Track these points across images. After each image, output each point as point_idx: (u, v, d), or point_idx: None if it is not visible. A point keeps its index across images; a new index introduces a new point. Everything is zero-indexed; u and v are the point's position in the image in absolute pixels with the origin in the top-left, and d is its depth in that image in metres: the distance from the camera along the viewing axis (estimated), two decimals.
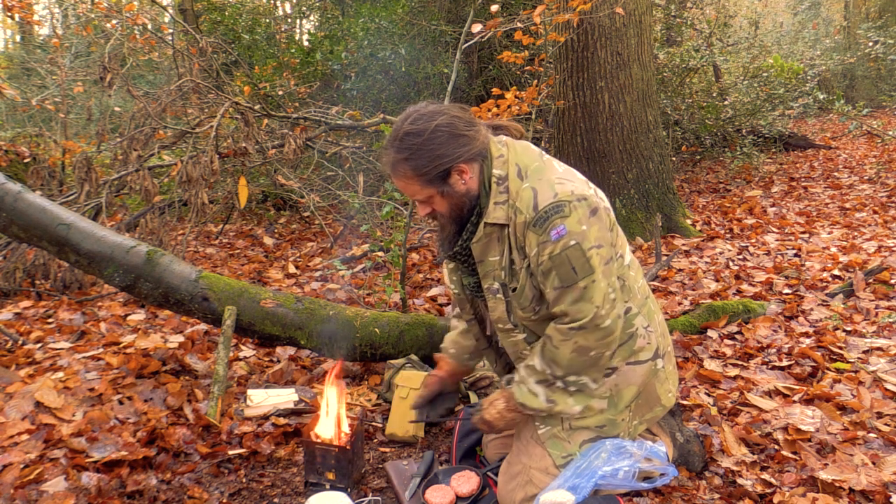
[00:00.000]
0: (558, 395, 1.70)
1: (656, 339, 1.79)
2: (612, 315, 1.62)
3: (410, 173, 1.62)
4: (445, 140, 1.60)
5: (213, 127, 4.22)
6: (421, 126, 1.61)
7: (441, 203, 1.68)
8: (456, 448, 2.11)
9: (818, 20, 15.36)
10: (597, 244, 1.59)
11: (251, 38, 7.97)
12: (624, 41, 4.86)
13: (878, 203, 5.51)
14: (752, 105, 7.55)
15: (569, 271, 1.57)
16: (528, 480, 1.73)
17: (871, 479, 1.83)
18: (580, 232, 1.56)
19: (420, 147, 1.60)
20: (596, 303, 1.59)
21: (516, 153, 1.69)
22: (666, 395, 1.81)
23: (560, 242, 1.56)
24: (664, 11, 8.46)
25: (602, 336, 1.62)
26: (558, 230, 1.56)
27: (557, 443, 1.74)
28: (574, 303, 1.60)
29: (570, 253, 1.56)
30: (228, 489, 2.01)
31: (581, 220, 1.57)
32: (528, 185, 1.62)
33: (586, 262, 1.57)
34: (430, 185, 1.64)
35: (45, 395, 2.27)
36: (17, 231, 2.59)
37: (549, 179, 1.62)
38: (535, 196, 1.59)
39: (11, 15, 6.72)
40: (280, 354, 3.03)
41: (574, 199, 1.58)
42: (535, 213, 1.58)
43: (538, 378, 1.70)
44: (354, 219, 5.39)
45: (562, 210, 1.56)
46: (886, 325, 2.94)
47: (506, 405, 1.77)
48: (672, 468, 1.74)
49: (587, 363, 1.66)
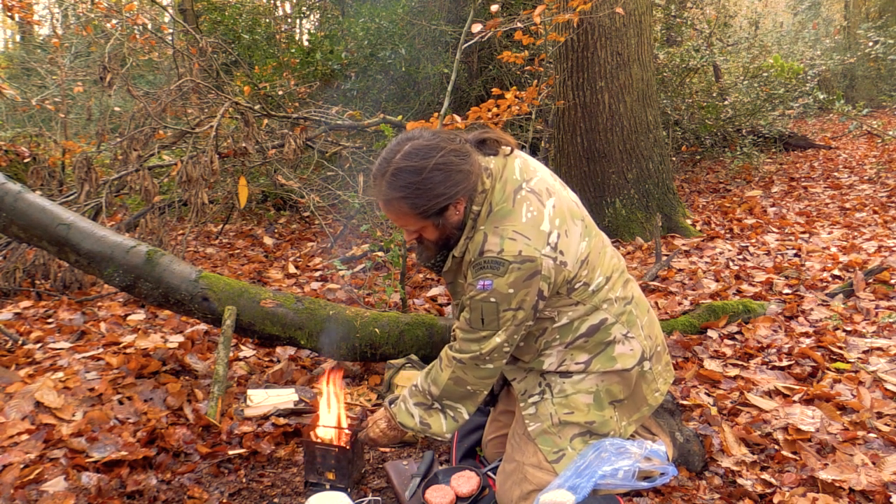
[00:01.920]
0: (434, 417, 1.78)
1: (640, 343, 1.78)
2: (496, 363, 1.69)
3: (407, 210, 1.60)
4: (443, 178, 1.57)
5: (213, 127, 4.22)
6: (417, 164, 1.56)
7: (432, 233, 1.69)
8: (456, 448, 2.11)
9: (818, 20, 15.36)
10: (515, 307, 1.61)
11: (251, 38, 7.96)
12: (624, 41, 4.86)
13: (878, 203, 5.51)
14: (752, 105, 7.55)
15: (477, 318, 1.64)
16: (523, 477, 1.74)
17: (871, 479, 1.83)
18: (504, 294, 1.59)
19: (418, 186, 1.56)
20: (484, 350, 1.66)
21: (493, 191, 1.66)
22: (652, 394, 1.82)
23: (482, 294, 1.61)
24: (664, 11, 8.46)
25: (481, 376, 1.71)
26: (484, 283, 1.60)
27: (548, 438, 1.75)
28: (466, 341, 1.68)
29: (485, 307, 1.62)
30: (228, 489, 2.01)
31: (512, 283, 1.58)
32: (483, 228, 1.63)
33: (495, 320, 1.63)
34: (426, 220, 1.64)
35: (45, 395, 2.27)
36: (17, 231, 2.59)
37: (502, 231, 1.60)
38: (484, 242, 1.61)
39: (11, 15, 6.72)
40: (280, 354, 3.03)
41: (516, 262, 1.57)
42: (478, 257, 1.61)
43: (417, 400, 1.80)
44: (354, 219, 5.39)
45: (497, 268, 1.58)
46: (886, 325, 2.94)
47: (387, 424, 1.88)
48: (672, 468, 1.74)
49: (463, 395, 1.74)
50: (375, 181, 1.64)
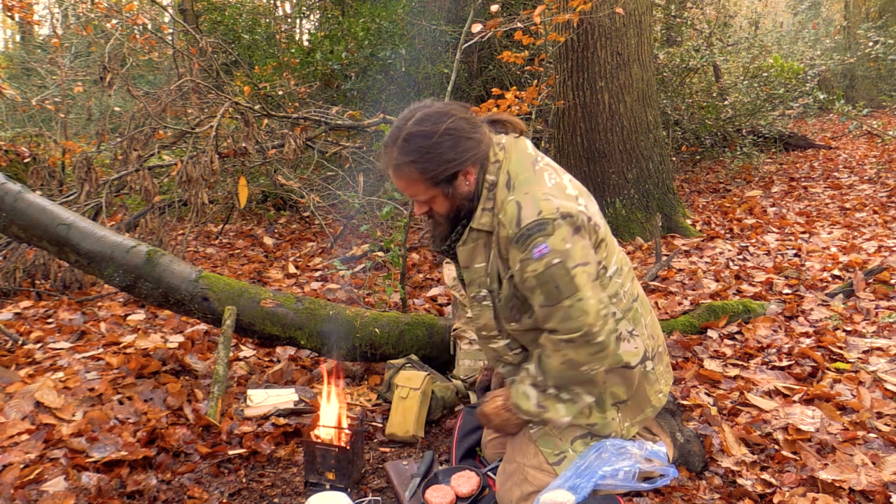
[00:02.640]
0: (550, 401, 1.70)
1: (643, 342, 1.77)
2: (605, 330, 1.59)
3: (417, 175, 1.60)
4: (454, 144, 1.58)
5: (213, 127, 4.22)
6: (428, 128, 1.58)
7: (442, 204, 1.67)
8: (456, 448, 2.11)
9: (818, 20, 15.36)
10: (582, 262, 1.56)
11: (251, 38, 7.96)
12: (624, 41, 4.85)
13: (878, 203, 5.51)
14: (752, 105, 7.55)
15: (552, 290, 1.55)
16: (524, 478, 1.74)
17: (871, 479, 1.83)
18: (564, 250, 1.54)
19: (428, 150, 1.57)
20: (586, 319, 1.56)
21: (510, 160, 1.67)
22: (656, 395, 1.81)
23: (543, 261, 1.54)
24: (664, 11, 8.46)
25: (594, 351, 1.60)
26: (540, 248, 1.53)
27: (549, 440, 1.75)
28: (563, 321, 1.58)
29: (554, 271, 1.54)
30: (228, 489, 2.01)
31: (565, 238, 1.54)
32: (513, 197, 1.59)
33: (570, 281, 1.55)
34: (435, 187, 1.63)
35: (45, 395, 2.27)
36: (17, 231, 2.59)
37: (534, 194, 1.58)
38: (519, 211, 1.56)
39: (11, 15, 6.72)
40: (280, 354, 3.03)
41: (558, 217, 1.55)
42: (518, 229, 1.55)
43: (532, 381, 1.71)
44: (354, 219, 5.39)
45: (545, 228, 1.53)
46: (886, 325, 2.94)
47: (503, 402, 1.78)
48: (672, 469, 1.74)
49: (578, 378, 1.65)
50: (387, 149, 1.63)
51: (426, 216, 1.74)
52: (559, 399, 1.68)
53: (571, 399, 1.68)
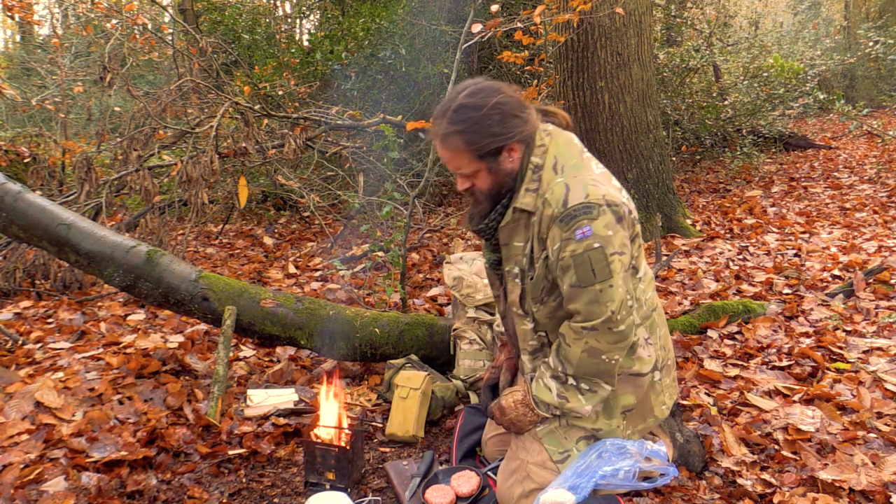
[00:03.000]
0: (571, 392, 1.70)
1: (656, 351, 1.79)
2: (627, 321, 1.62)
3: (463, 146, 1.63)
4: (501, 119, 1.62)
5: (213, 127, 4.22)
6: (479, 101, 1.62)
7: (485, 179, 1.69)
8: (456, 448, 2.11)
9: (818, 20, 15.35)
10: (619, 251, 1.60)
11: (251, 38, 7.96)
12: (624, 41, 4.85)
13: (878, 203, 5.51)
14: (752, 105, 7.54)
15: (588, 272, 1.58)
16: (526, 475, 1.74)
17: (871, 479, 1.83)
18: (605, 236, 1.57)
19: (477, 122, 1.61)
20: (611, 307, 1.59)
21: (557, 146, 1.70)
22: (660, 406, 1.81)
23: (584, 242, 1.57)
24: (664, 11, 8.46)
25: (615, 340, 1.62)
26: (584, 230, 1.56)
27: (554, 439, 1.75)
28: (589, 304, 1.60)
29: (593, 255, 1.57)
30: (228, 489, 2.01)
31: (608, 225, 1.58)
32: (561, 180, 1.62)
33: (606, 266, 1.57)
34: (479, 161, 1.65)
35: (45, 395, 2.27)
36: (17, 231, 2.59)
37: (583, 179, 1.62)
38: (567, 193, 1.59)
39: (11, 15, 6.72)
40: (280, 354, 3.03)
41: (604, 204, 1.58)
42: (564, 209, 1.58)
43: (552, 373, 1.72)
44: (354, 219, 5.39)
45: (591, 212, 1.57)
46: (886, 325, 2.94)
47: (522, 397, 1.78)
48: (672, 468, 1.74)
49: (598, 367, 1.65)
50: (436, 120, 1.67)
51: (468, 193, 1.76)
52: (580, 390, 1.69)
53: (591, 389, 1.69)
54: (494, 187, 1.70)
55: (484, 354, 2.63)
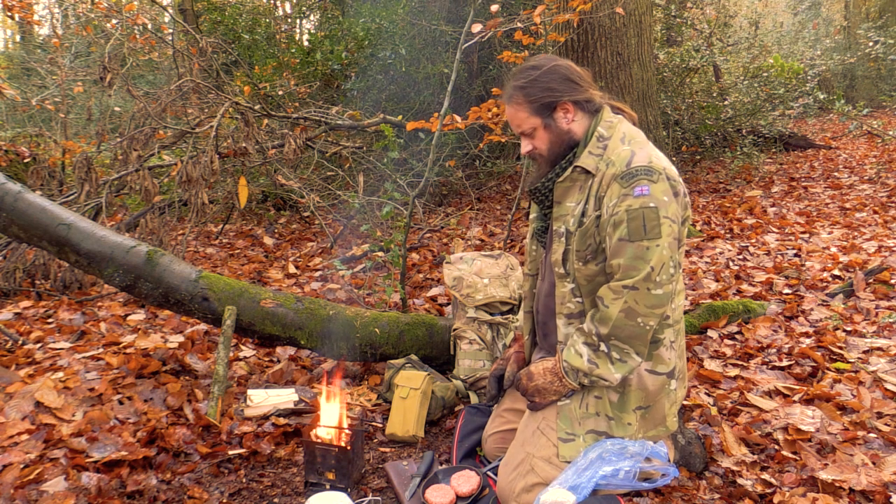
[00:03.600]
0: (601, 359, 1.71)
1: (676, 358, 1.80)
2: (665, 287, 1.65)
3: (522, 100, 1.79)
4: (559, 78, 1.78)
5: (213, 127, 4.22)
6: (541, 62, 1.81)
7: (542, 137, 1.81)
8: (456, 448, 2.11)
9: (818, 20, 15.36)
10: (672, 217, 1.66)
11: (251, 38, 7.96)
12: (624, 41, 4.85)
13: (879, 203, 5.51)
14: (752, 105, 7.54)
15: (639, 227, 1.63)
16: (531, 469, 1.74)
17: (871, 479, 1.83)
18: (661, 200, 1.64)
19: (536, 78, 1.78)
20: (652, 264, 1.63)
21: (626, 126, 1.81)
22: (672, 417, 1.82)
23: (640, 199, 1.63)
24: (664, 11, 8.46)
25: (652, 303, 1.65)
26: (642, 188, 1.64)
27: (568, 418, 1.77)
28: (633, 259, 1.64)
29: (647, 212, 1.63)
30: (228, 489, 2.01)
31: (665, 192, 1.65)
32: (628, 147, 1.72)
33: (657, 226, 1.63)
34: (535, 115, 1.79)
35: (45, 395, 2.27)
36: (17, 231, 2.59)
37: (648, 151, 1.71)
38: (632, 156, 1.69)
39: (11, 15, 6.72)
40: (280, 354, 3.03)
41: (665, 174, 1.67)
42: (627, 168, 1.67)
43: (585, 339, 1.74)
44: (354, 219, 5.39)
45: (651, 175, 1.65)
46: (886, 325, 2.94)
47: (552, 365, 1.81)
48: (673, 469, 1.74)
49: (633, 330, 1.67)
50: (506, 86, 1.85)
51: (530, 157, 1.88)
52: (610, 358, 1.71)
53: (621, 359, 1.71)
54: (553, 147, 1.81)
55: (484, 354, 2.63)
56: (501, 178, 7.65)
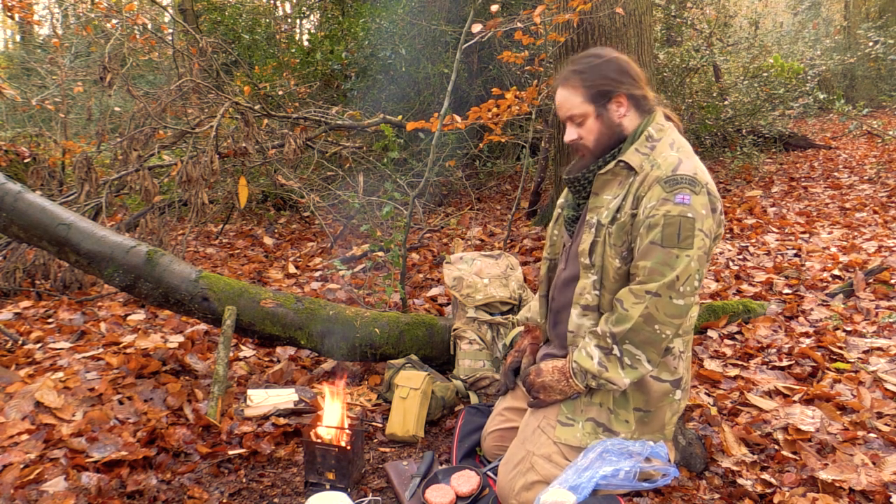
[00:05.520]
0: (612, 363, 1.70)
1: (683, 369, 1.80)
2: (687, 298, 1.64)
3: (578, 83, 1.77)
4: (618, 70, 1.77)
5: (213, 127, 4.22)
6: (603, 52, 1.81)
7: (592, 127, 1.78)
8: (456, 448, 2.11)
9: (818, 20, 15.35)
10: (707, 231, 1.65)
11: (251, 38, 7.96)
12: (624, 41, 4.85)
13: (879, 203, 5.51)
14: (752, 105, 7.54)
15: (673, 234, 1.63)
16: (531, 467, 1.74)
17: (871, 479, 1.83)
18: (700, 213, 1.64)
19: (595, 66, 1.77)
20: (678, 272, 1.62)
21: (675, 133, 1.80)
22: (670, 426, 1.81)
23: (680, 207, 1.63)
24: (664, 11, 8.46)
25: (672, 312, 1.64)
26: (684, 196, 1.64)
27: (572, 405, 1.78)
28: (660, 264, 1.63)
29: (684, 221, 1.63)
30: (228, 489, 2.01)
31: (704, 206, 1.65)
32: (676, 154, 1.71)
33: (691, 237, 1.63)
34: (589, 102, 1.76)
35: (45, 395, 2.27)
36: (17, 231, 2.59)
37: (695, 162, 1.71)
38: (679, 163, 1.68)
39: (11, 15, 6.72)
40: (280, 354, 3.03)
41: (707, 189, 1.67)
42: (672, 173, 1.67)
43: (598, 342, 1.73)
44: (354, 219, 5.39)
45: (695, 186, 1.65)
46: (886, 325, 2.94)
47: (563, 364, 1.80)
48: (673, 469, 1.74)
49: (650, 336, 1.66)
50: (562, 70, 1.83)
51: (573, 146, 1.84)
52: (622, 363, 1.70)
53: (632, 365, 1.69)
54: (601, 139, 1.79)
55: (484, 354, 2.63)
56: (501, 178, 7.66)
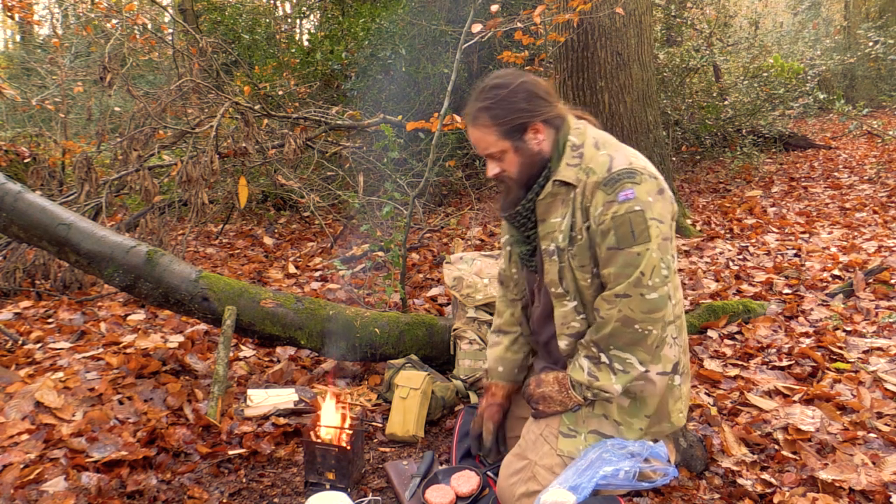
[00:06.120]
0: (602, 371, 1.68)
1: (679, 354, 1.78)
2: (659, 290, 1.62)
3: (489, 122, 1.69)
4: (527, 97, 1.69)
5: (213, 127, 4.22)
6: (506, 81, 1.70)
7: (512, 161, 1.73)
8: (456, 448, 2.11)
9: (818, 20, 15.35)
10: (658, 218, 1.63)
11: (251, 38, 7.96)
12: (624, 41, 4.85)
13: (878, 203, 5.51)
14: (752, 105, 7.54)
15: (627, 233, 1.61)
16: (532, 476, 1.73)
17: (871, 479, 1.83)
18: (646, 201, 1.61)
19: (503, 98, 1.68)
20: (642, 269, 1.60)
21: (594, 130, 1.77)
22: (677, 414, 1.79)
23: (626, 204, 1.60)
24: (664, 11, 8.46)
25: (647, 308, 1.61)
26: (626, 193, 1.61)
27: (573, 416, 1.75)
28: (623, 266, 1.62)
29: (633, 217, 1.60)
30: (228, 489, 2.01)
31: (650, 192, 1.63)
32: (605, 152, 1.69)
33: (645, 230, 1.60)
34: (505, 138, 1.70)
35: (45, 395, 2.27)
36: (17, 231, 2.59)
37: (625, 153, 1.69)
38: (611, 161, 1.66)
39: (11, 15, 6.72)
40: (280, 354, 3.03)
41: (646, 174, 1.65)
42: (609, 174, 1.64)
43: (586, 353, 1.72)
44: (354, 219, 5.39)
45: (634, 177, 1.63)
46: (886, 325, 2.94)
47: (562, 376, 1.77)
48: (672, 469, 1.74)
49: (632, 336, 1.64)
50: (469, 106, 1.74)
51: (497, 180, 1.79)
52: (612, 369, 1.68)
53: (624, 369, 1.68)
54: (523, 170, 1.74)
55: (484, 354, 2.62)
56: None
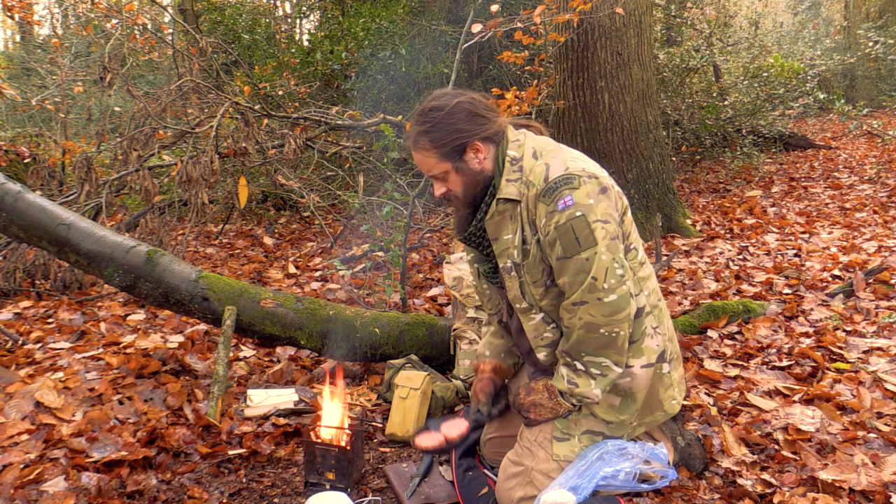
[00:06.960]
0: (581, 377, 1.68)
1: (664, 342, 1.78)
2: (617, 291, 1.60)
3: (428, 145, 1.69)
4: (464, 117, 1.68)
5: (213, 127, 4.22)
6: (443, 102, 1.70)
7: (455, 181, 1.73)
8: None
9: (818, 20, 15.35)
10: (603, 219, 1.61)
11: (251, 38, 7.96)
12: (624, 41, 4.85)
13: (878, 203, 5.51)
14: (752, 105, 7.55)
15: (572, 241, 1.59)
16: (529, 481, 1.73)
17: (871, 479, 1.83)
18: (587, 204, 1.60)
19: (440, 121, 1.68)
20: (593, 273, 1.59)
21: (533, 139, 1.76)
22: (669, 401, 1.80)
23: (566, 212, 1.59)
24: (664, 11, 8.46)
25: (608, 311, 1.60)
26: (565, 200, 1.60)
27: (565, 420, 1.75)
28: (575, 274, 1.61)
29: (575, 223, 1.59)
30: (228, 489, 2.01)
31: (589, 194, 1.61)
32: (541, 161, 1.68)
33: (590, 234, 1.59)
34: (445, 160, 1.70)
35: (45, 395, 2.27)
36: (17, 231, 2.59)
37: (562, 157, 1.67)
38: (547, 170, 1.65)
39: (11, 15, 6.72)
40: (280, 354, 3.03)
41: (584, 175, 1.63)
42: (546, 184, 1.63)
43: (563, 361, 1.72)
44: (354, 219, 5.39)
45: (571, 182, 1.61)
46: (886, 325, 2.94)
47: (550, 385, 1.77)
48: (672, 470, 1.74)
49: (600, 341, 1.63)
50: (409, 129, 1.75)
51: (445, 199, 1.79)
52: (590, 374, 1.68)
53: (601, 373, 1.67)
54: (468, 190, 1.73)
55: None
56: None
